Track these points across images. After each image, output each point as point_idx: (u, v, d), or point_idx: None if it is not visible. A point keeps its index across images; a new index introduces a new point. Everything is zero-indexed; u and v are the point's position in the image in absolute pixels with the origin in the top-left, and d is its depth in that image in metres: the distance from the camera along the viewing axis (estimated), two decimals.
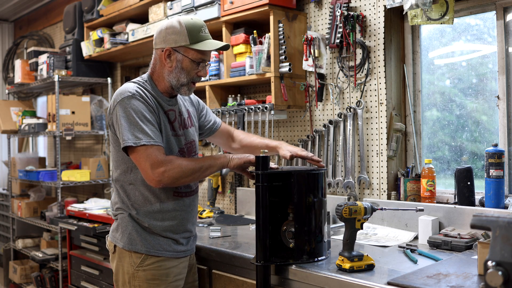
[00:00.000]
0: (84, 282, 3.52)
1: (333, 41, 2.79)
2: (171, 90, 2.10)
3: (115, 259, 2.10)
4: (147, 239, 2.04)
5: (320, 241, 2.00)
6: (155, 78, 2.09)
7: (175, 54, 2.01)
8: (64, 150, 5.55)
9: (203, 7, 3.17)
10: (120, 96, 1.96)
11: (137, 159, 1.93)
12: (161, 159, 1.90)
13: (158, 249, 2.04)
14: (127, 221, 2.05)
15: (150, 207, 2.03)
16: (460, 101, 2.64)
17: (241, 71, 3.05)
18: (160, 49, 2.05)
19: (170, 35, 2.01)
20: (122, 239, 2.05)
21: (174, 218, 2.07)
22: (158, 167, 1.88)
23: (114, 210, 2.12)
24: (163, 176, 1.89)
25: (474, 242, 2.13)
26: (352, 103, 2.81)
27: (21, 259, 5.31)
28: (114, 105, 1.98)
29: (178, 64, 2.02)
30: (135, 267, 2.02)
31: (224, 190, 3.56)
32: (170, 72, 2.04)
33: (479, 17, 2.56)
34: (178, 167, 1.91)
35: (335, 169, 2.86)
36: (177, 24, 2.01)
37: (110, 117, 2.01)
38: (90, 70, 4.60)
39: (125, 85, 2.03)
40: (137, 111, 1.94)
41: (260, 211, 1.93)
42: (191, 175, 1.96)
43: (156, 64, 2.08)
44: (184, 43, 2.00)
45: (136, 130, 1.91)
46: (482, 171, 2.47)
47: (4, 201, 5.79)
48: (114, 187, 2.12)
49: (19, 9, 6.21)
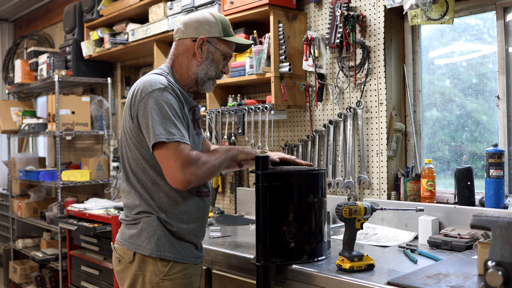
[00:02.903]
0: (84, 282, 3.52)
1: (333, 41, 2.79)
2: (193, 85, 1.98)
3: (133, 268, 1.86)
4: (175, 244, 1.87)
5: (320, 241, 2.00)
6: (175, 71, 1.97)
7: (207, 45, 1.93)
8: (64, 150, 5.55)
9: (203, 7, 3.17)
10: (151, 87, 1.80)
11: (166, 156, 1.74)
12: (192, 157, 1.75)
13: (184, 256, 1.89)
14: (155, 225, 1.85)
15: (176, 209, 1.87)
16: (460, 101, 2.64)
17: (241, 71, 3.05)
18: (190, 38, 1.93)
19: (204, 26, 1.93)
20: (149, 245, 1.84)
21: (197, 220, 1.93)
22: (190, 166, 1.74)
23: (133, 214, 1.89)
24: (193, 175, 1.75)
25: (474, 242, 2.13)
26: (352, 103, 2.81)
27: (21, 259, 5.31)
28: (142, 96, 1.79)
29: (210, 55, 1.95)
30: (160, 276, 1.83)
31: (224, 190, 3.56)
32: (200, 63, 1.94)
33: (479, 17, 2.56)
34: (204, 165, 1.79)
35: (335, 169, 2.86)
36: (210, 16, 1.95)
37: (136, 108, 1.82)
38: (90, 70, 4.60)
39: (153, 76, 1.86)
40: (170, 105, 1.78)
41: (260, 211, 1.93)
42: (214, 172, 1.86)
43: (179, 55, 1.96)
44: (218, 34, 1.94)
45: (170, 125, 1.75)
46: (482, 171, 2.47)
47: (4, 201, 5.79)
48: (131, 188, 1.91)
49: (19, 9, 6.21)
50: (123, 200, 1.96)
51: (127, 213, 1.93)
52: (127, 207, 1.93)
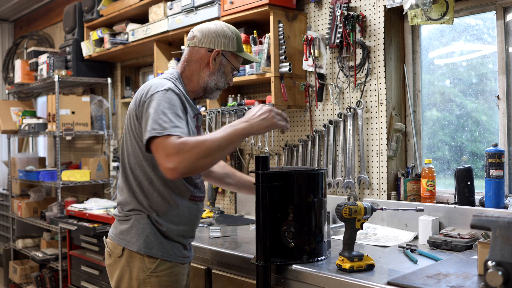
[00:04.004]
0: (84, 282, 3.52)
1: (333, 41, 2.79)
2: (201, 92, 2.04)
3: (121, 263, 1.94)
4: (163, 243, 1.93)
5: (320, 241, 2.00)
6: (185, 76, 2.02)
7: (221, 57, 2.01)
8: (64, 150, 5.55)
9: (203, 7, 3.17)
10: (156, 89, 1.83)
11: (156, 149, 1.73)
12: (177, 145, 1.69)
13: (171, 254, 1.95)
14: (145, 223, 1.92)
15: (168, 210, 1.92)
16: (460, 101, 2.64)
17: (241, 71, 3.05)
18: (206, 48, 2.00)
19: (221, 38, 2.00)
20: (138, 242, 1.90)
21: (188, 223, 1.99)
22: (176, 155, 1.68)
23: (125, 210, 1.96)
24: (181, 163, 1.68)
25: (474, 242, 2.13)
26: (352, 103, 2.81)
27: (21, 259, 5.31)
28: (147, 97, 1.83)
29: (221, 68, 2.02)
30: (147, 272, 1.90)
31: (224, 190, 3.56)
32: (212, 74, 2.01)
33: (479, 17, 2.56)
34: (193, 150, 1.70)
35: (335, 169, 2.86)
36: (227, 29, 2.02)
37: (141, 109, 1.85)
38: (90, 70, 4.60)
39: (161, 80, 1.90)
40: (171, 103, 1.80)
41: (260, 211, 1.93)
42: (212, 155, 1.74)
43: (192, 62, 2.01)
44: (232, 49, 2.02)
45: (165, 119, 1.75)
46: (482, 171, 2.47)
47: (4, 201, 5.79)
48: (126, 185, 1.96)
49: (19, 9, 6.21)
50: (118, 196, 2.03)
51: (119, 209, 2.00)
52: (120, 204, 1.99)
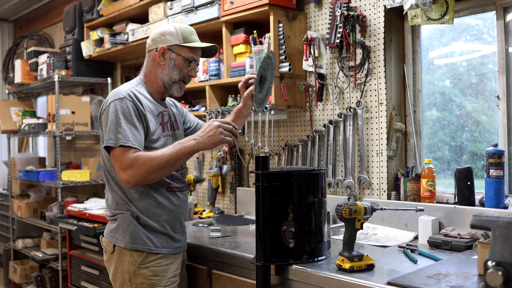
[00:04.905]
0: (84, 282, 3.52)
1: (333, 41, 2.79)
2: (163, 90, 2.21)
3: (114, 259, 2.13)
4: (148, 237, 2.10)
5: (320, 241, 2.00)
6: (146, 80, 2.21)
7: (168, 52, 2.16)
8: (64, 150, 5.55)
9: (203, 7, 3.17)
10: (113, 98, 2.05)
11: (113, 159, 2.00)
12: (129, 160, 1.94)
13: (158, 247, 2.11)
14: (128, 220, 2.09)
15: (147, 202, 2.09)
16: (460, 101, 2.64)
17: (241, 71, 3.04)
18: (154, 49, 2.18)
19: (165, 36, 2.17)
20: (124, 239, 2.09)
21: (170, 213, 2.14)
22: (128, 169, 1.94)
23: (112, 209, 2.15)
24: (132, 176, 1.94)
25: (474, 242, 2.13)
26: (352, 103, 2.81)
27: (21, 259, 5.31)
28: (106, 106, 2.06)
29: (171, 62, 2.16)
30: (136, 265, 2.08)
31: (224, 190, 3.56)
32: (163, 69, 2.17)
33: (479, 17, 2.56)
34: (143, 166, 1.94)
35: (335, 169, 2.86)
36: (172, 27, 2.19)
37: (101, 117, 2.09)
38: (90, 70, 4.60)
39: (119, 88, 2.11)
40: (125, 113, 2.01)
41: (260, 211, 1.93)
42: (160, 170, 1.97)
43: (148, 65, 2.21)
44: (178, 42, 2.16)
45: (119, 130, 1.97)
46: (482, 171, 2.47)
47: (4, 201, 5.79)
48: (109, 186, 2.16)
49: (19, 9, 6.21)
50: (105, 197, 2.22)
51: (107, 209, 2.20)
52: (107, 205, 2.19)
